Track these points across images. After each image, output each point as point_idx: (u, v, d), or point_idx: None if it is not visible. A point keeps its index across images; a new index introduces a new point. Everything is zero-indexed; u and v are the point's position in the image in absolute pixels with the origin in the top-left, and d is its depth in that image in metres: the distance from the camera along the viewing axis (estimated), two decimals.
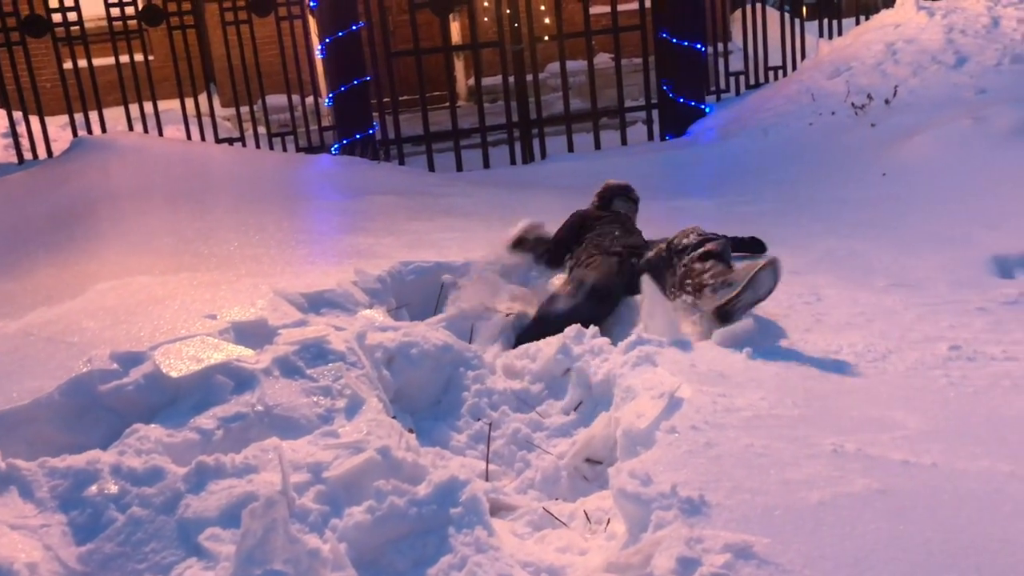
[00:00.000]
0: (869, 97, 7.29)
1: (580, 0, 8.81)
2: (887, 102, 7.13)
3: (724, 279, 3.28)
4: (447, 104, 9.34)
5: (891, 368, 2.99)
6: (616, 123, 9.22)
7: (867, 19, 9.39)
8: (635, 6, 9.06)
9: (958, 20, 8.12)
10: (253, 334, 3.04)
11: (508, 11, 8.59)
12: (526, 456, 2.91)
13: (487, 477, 2.82)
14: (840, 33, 9.92)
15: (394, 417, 2.83)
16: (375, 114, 8.59)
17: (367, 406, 2.68)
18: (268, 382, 2.73)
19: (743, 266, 3.32)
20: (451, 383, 3.29)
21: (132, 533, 2.11)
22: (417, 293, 4.12)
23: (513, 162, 8.80)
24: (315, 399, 2.70)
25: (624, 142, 9.08)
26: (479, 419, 3.11)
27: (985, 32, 7.81)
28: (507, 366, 3.45)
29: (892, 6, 9.15)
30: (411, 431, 2.81)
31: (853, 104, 7.35)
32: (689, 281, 3.41)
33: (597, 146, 9.00)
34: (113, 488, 2.20)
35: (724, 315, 3.21)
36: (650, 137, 9.24)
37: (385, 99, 8.67)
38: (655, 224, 5.43)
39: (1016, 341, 3.24)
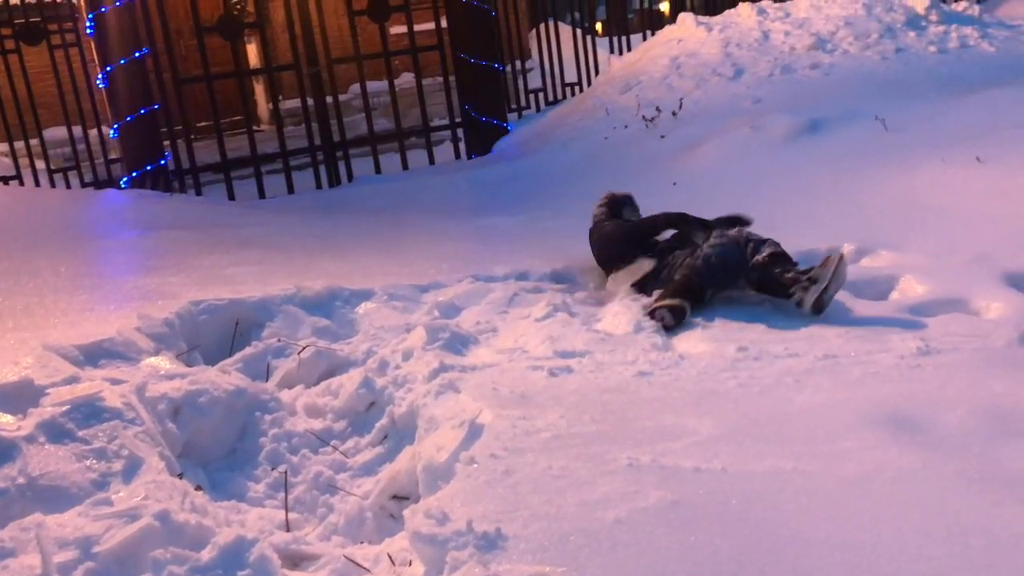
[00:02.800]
0: (658, 110, 7.62)
1: (377, 21, 8.73)
2: (674, 114, 7.48)
3: (808, 276, 3.66)
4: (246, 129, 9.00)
5: (684, 374, 3.08)
6: (423, 143, 9.20)
7: (653, 34, 9.84)
8: (433, 26, 9.07)
9: (733, 34, 8.65)
10: (16, 397, 2.75)
11: (302, 33, 8.39)
12: (329, 500, 2.79)
13: (288, 527, 2.67)
14: (630, 48, 10.36)
15: (180, 475, 2.63)
16: (167, 143, 8.15)
17: (146, 467, 2.47)
18: (32, 450, 2.46)
19: (822, 263, 3.68)
20: (247, 429, 3.11)
21: None
22: (211, 334, 3.88)
23: (319, 186, 8.59)
24: (87, 464, 2.47)
25: (432, 162, 9.07)
26: (278, 465, 2.95)
27: (757, 45, 8.35)
28: (308, 405, 3.30)
29: (675, 22, 9.63)
30: (198, 488, 2.62)
31: (644, 117, 7.65)
32: (772, 282, 3.80)
33: (405, 166, 8.94)
34: None
35: (819, 308, 3.59)
36: (457, 156, 9.28)
37: (177, 127, 8.25)
38: (467, 243, 5.44)
39: (797, 338, 3.43)
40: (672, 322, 3.61)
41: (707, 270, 3.84)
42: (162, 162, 7.97)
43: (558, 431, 2.51)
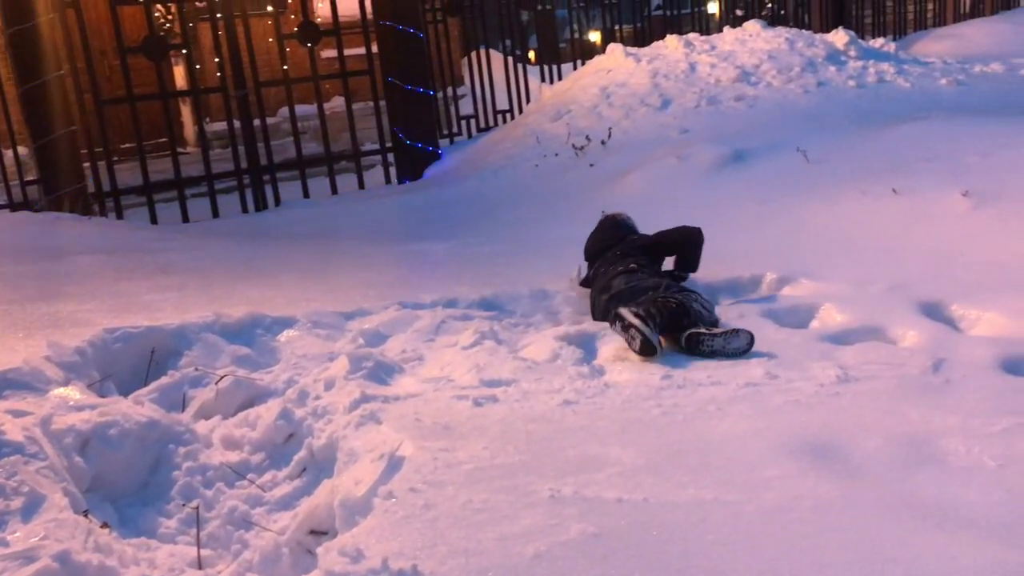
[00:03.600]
0: (587, 138, 7.69)
1: (306, 45, 8.65)
2: (603, 143, 7.56)
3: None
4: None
5: (609, 402, 3.08)
6: (353, 167, 9.12)
7: (584, 64, 9.97)
8: (363, 51, 9.03)
9: (661, 66, 8.81)
10: None
11: (229, 55, 8.26)
12: (244, 536, 2.69)
13: (200, 564, 2.57)
14: (560, 77, 10.47)
15: (86, 512, 2.51)
16: (87, 165, 7.91)
17: (48, 504, 2.35)
18: None
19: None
20: (160, 462, 2.99)
21: None
22: (125, 363, 3.74)
23: (245, 210, 8.44)
24: None
25: (361, 186, 9.00)
26: (191, 500, 2.85)
27: (684, 77, 8.52)
28: (225, 436, 3.20)
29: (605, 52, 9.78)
30: (104, 526, 2.50)
31: (574, 145, 7.72)
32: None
33: (334, 191, 8.85)
34: None
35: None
36: (387, 181, 9.23)
37: (98, 149, 8.02)
38: (395, 270, 5.39)
39: (721, 366, 3.46)
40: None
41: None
42: (82, 184, 7.71)
43: (481, 463, 2.47)
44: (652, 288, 3.96)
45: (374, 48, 9.01)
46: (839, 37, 9.47)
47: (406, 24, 8.81)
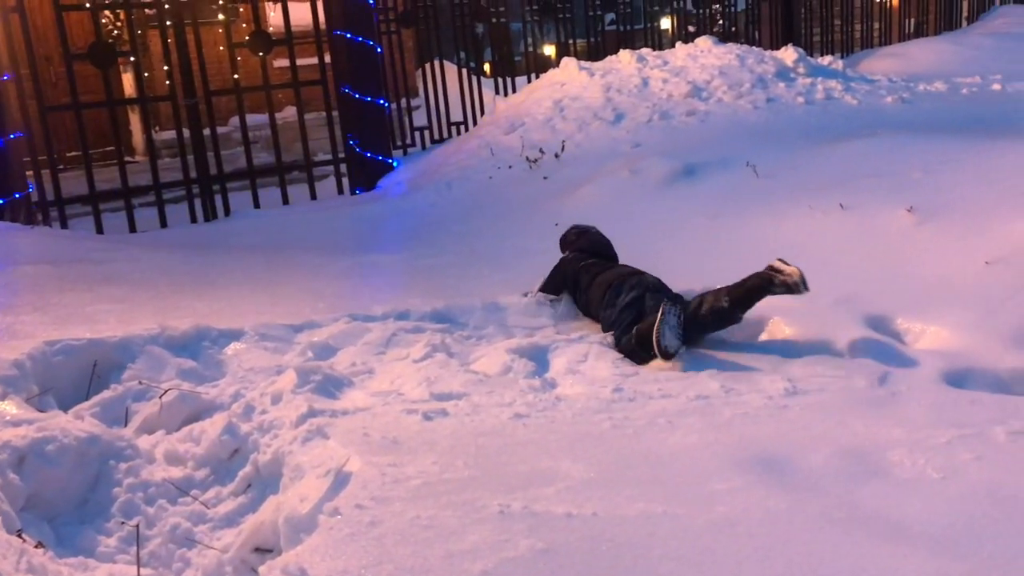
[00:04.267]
0: (541, 151, 7.71)
1: (258, 54, 8.55)
2: (557, 156, 7.59)
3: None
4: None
5: (560, 416, 3.07)
6: (305, 177, 9.03)
7: (538, 77, 10.01)
8: (315, 61, 8.96)
9: (614, 80, 8.88)
10: None
11: (179, 63, 8.14)
12: (186, 554, 2.62)
13: None
14: (515, 90, 10.50)
15: (20, 531, 2.43)
16: (30, 173, 7.72)
17: None
18: None
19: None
20: (100, 479, 2.91)
21: None
22: (66, 376, 3.63)
23: (194, 220, 8.30)
24: None
25: (313, 196, 8.91)
26: (132, 517, 2.77)
27: (637, 91, 8.60)
28: (169, 452, 3.12)
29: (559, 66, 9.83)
30: (39, 546, 2.42)
31: (528, 158, 7.74)
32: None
33: (285, 201, 8.75)
34: None
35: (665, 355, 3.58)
36: (340, 191, 9.15)
37: (42, 157, 7.83)
38: (346, 281, 5.33)
39: (671, 379, 3.47)
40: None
41: None
42: (22, 194, 7.52)
43: (429, 478, 2.44)
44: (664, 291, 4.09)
45: (327, 58, 8.94)
46: (788, 54, 9.64)
47: (360, 34, 8.77)
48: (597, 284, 4.28)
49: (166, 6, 8.02)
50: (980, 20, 15.09)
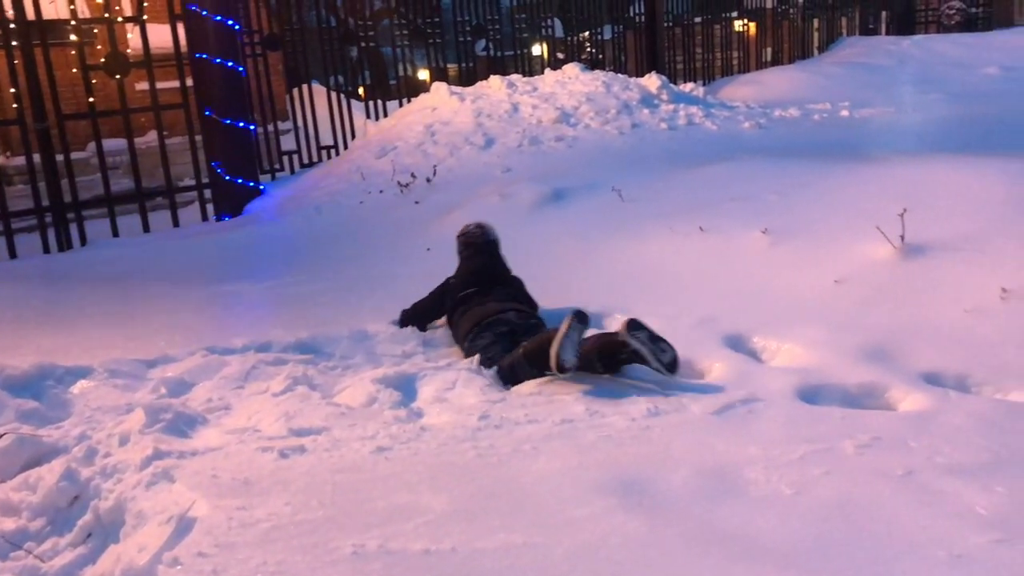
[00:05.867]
0: (413, 176, 7.66)
1: (114, 77, 8.19)
2: (428, 180, 7.55)
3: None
4: None
5: (424, 447, 3.01)
6: (167, 204, 8.68)
7: (410, 101, 9.97)
8: (178, 84, 8.65)
9: (485, 105, 8.93)
10: None
11: (28, 86, 7.70)
12: None
13: None
14: (386, 114, 10.43)
15: None
16: None
17: None
18: None
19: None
20: None
21: None
22: None
23: (47, 250, 7.85)
24: None
25: (176, 224, 8.58)
26: None
27: (507, 117, 8.67)
28: (2, 502, 2.89)
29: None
30: None
31: (399, 183, 7.67)
32: None
33: (146, 229, 8.39)
34: None
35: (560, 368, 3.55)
36: (204, 218, 8.84)
37: None
38: (206, 312, 5.12)
39: (538, 403, 3.46)
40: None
41: None
42: None
43: (280, 520, 2.33)
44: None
45: (189, 81, 8.65)
46: (652, 81, 9.93)
47: (223, 57, 8.53)
48: (466, 318, 4.26)
49: (11, 25, 7.59)
50: (830, 50, 15.97)
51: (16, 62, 7.64)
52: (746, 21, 15.36)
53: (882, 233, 4.33)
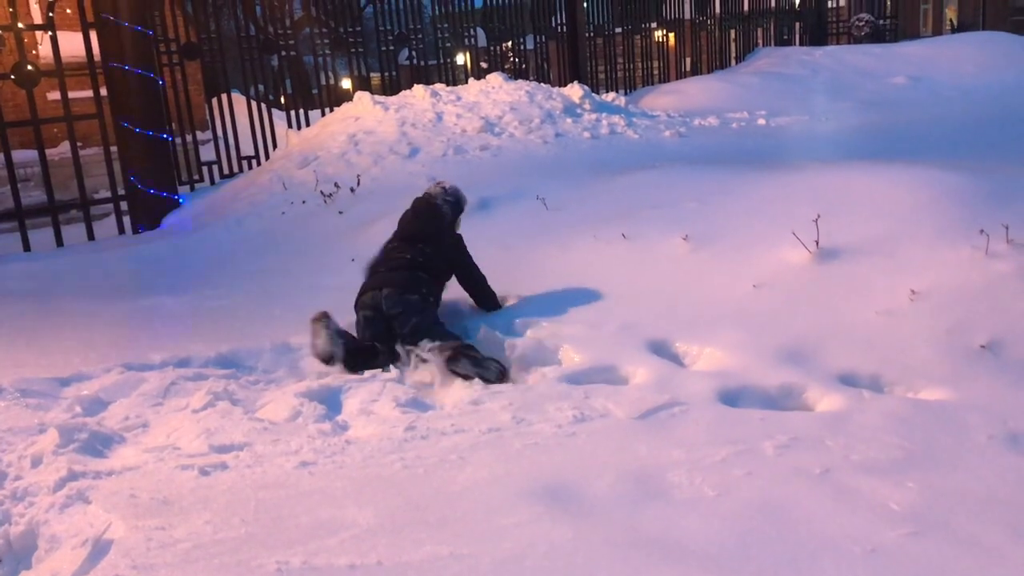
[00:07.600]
0: (336, 186, 7.58)
1: (23, 86, 7.91)
2: (352, 190, 7.48)
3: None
4: None
5: (349, 460, 2.98)
6: (82, 217, 8.41)
7: (332, 111, 9.86)
8: (91, 94, 8.40)
9: (409, 115, 8.89)
10: None
11: None
12: None
13: None
14: (309, 123, 10.30)
15: None
16: None
17: None
18: None
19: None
20: None
21: None
22: None
23: None
24: None
25: (91, 237, 8.32)
26: None
27: (432, 126, 8.65)
28: None
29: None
30: None
31: (322, 192, 7.58)
32: None
33: (59, 243, 8.11)
34: None
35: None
36: (121, 231, 8.59)
37: None
38: (122, 328, 4.96)
39: (464, 412, 3.46)
40: None
41: None
42: None
43: (201, 539, 2.28)
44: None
45: (103, 91, 8.40)
46: (575, 91, 10.02)
47: (138, 66, 8.31)
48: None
49: None
50: (746, 60, 16.34)
51: None
52: (665, 32, 15.63)
53: (798, 238, 4.45)
